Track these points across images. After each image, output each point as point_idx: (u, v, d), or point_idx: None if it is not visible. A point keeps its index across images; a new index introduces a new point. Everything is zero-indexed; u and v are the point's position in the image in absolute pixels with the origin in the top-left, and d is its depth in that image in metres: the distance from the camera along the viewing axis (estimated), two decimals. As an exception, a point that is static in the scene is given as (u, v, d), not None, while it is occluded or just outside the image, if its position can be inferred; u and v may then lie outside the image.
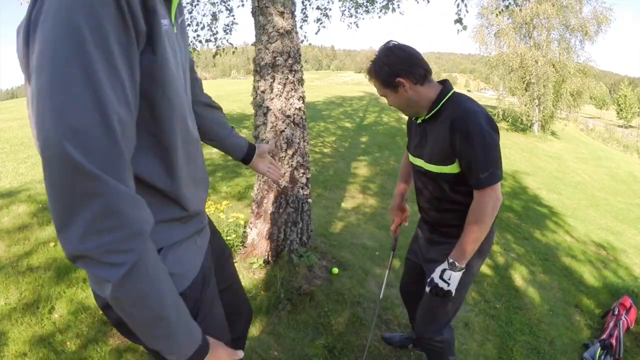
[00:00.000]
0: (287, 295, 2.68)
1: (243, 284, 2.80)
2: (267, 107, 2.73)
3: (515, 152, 10.46)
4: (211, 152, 6.70)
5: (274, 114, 2.72)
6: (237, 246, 3.03)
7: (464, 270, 1.51)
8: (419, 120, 1.58)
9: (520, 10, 14.75)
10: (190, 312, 0.85)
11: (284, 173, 2.80)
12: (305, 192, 2.97)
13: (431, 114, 1.49)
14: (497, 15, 5.20)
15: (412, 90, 1.46)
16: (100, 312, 2.27)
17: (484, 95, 35.53)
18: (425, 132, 1.56)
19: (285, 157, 2.78)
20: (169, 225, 0.84)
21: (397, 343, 2.43)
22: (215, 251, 1.15)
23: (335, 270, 3.17)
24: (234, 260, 2.93)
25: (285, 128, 2.73)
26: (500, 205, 1.46)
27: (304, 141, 2.88)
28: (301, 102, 2.80)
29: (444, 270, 1.51)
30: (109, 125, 0.58)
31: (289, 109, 2.73)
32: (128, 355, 2.18)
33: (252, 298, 2.64)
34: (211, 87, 20.05)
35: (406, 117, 1.75)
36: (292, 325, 2.51)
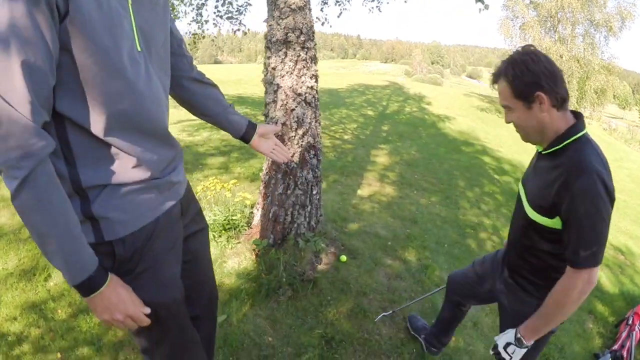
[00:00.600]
0: (288, 280, 2.56)
1: (245, 265, 2.72)
2: (278, 84, 2.59)
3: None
4: (228, 134, 6.63)
5: (285, 92, 2.58)
6: (242, 227, 2.93)
7: (529, 348, 1.34)
8: (538, 149, 1.36)
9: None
10: (128, 260, 0.96)
11: (293, 154, 2.66)
12: (316, 175, 2.83)
13: (551, 150, 1.26)
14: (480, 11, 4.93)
15: (548, 112, 1.22)
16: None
17: None
18: (539, 164, 1.34)
19: (295, 136, 2.63)
20: (111, 163, 0.89)
21: (414, 330, 2.33)
22: (186, 221, 1.18)
23: (344, 257, 3.03)
24: (238, 241, 2.84)
25: (296, 107, 2.58)
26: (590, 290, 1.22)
27: (315, 122, 2.72)
28: (314, 80, 2.64)
29: (508, 344, 1.34)
30: (19, 68, 0.71)
31: (300, 87, 2.58)
32: (116, 328, 2.13)
33: (252, 280, 2.54)
34: (235, 71, 20.04)
35: (433, 110, 1.55)
36: (291, 311, 2.40)
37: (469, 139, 9.00)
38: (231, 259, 2.71)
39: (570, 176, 1.15)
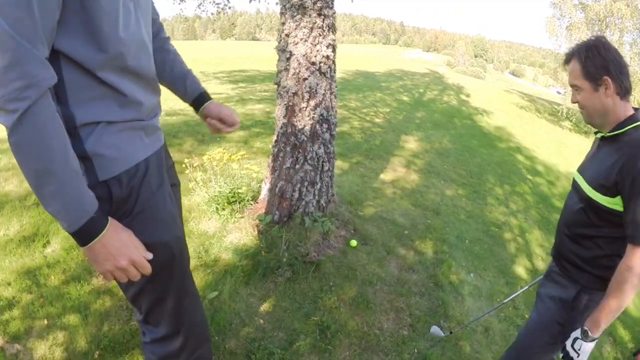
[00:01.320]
0: (289, 261, 2.39)
1: (245, 241, 2.56)
2: (291, 51, 2.38)
3: (574, 153, 9.37)
4: (253, 109, 6.51)
5: (297, 60, 2.36)
6: (247, 201, 2.77)
7: (596, 341, 1.30)
8: (599, 135, 1.42)
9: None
10: (125, 201, 0.94)
11: (304, 127, 2.46)
12: (328, 151, 2.61)
13: (613, 133, 1.33)
14: None
15: (612, 97, 1.29)
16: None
17: (550, 92, 31.67)
18: (599, 151, 1.41)
19: (306, 107, 2.42)
20: (103, 102, 0.89)
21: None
22: (172, 176, 1.18)
23: (354, 242, 2.83)
24: (241, 216, 2.69)
25: (309, 76, 2.36)
26: None
27: (330, 94, 2.50)
28: (330, 50, 2.40)
29: (575, 339, 1.32)
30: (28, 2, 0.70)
31: (315, 56, 2.35)
32: (105, 297, 2.03)
33: (250, 257, 2.39)
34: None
35: (471, 102, 1.36)
36: (288, 294, 2.23)
37: (505, 135, 8.60)
38: (232, 234, 2.56)
39: (633, 156, 1.20)
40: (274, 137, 2.67)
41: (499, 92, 16.13)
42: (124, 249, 0.88)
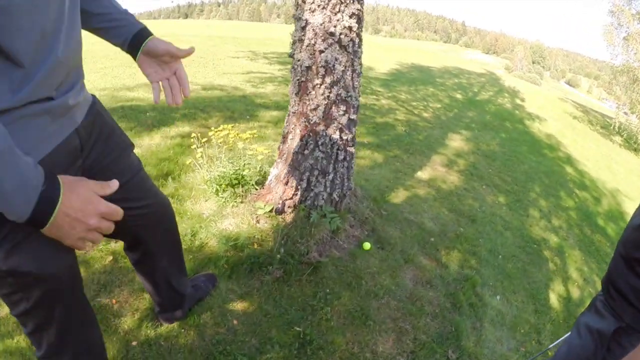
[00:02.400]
0: (283, 258, 2.10)
1: (240, 229, 2.29)
2: (306, 20, 2.04)
3: (622, 170, 8.41)
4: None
5: (313, 29, 2.03)
6: (252, 185, 2.50)
7: None
8: None
9: None
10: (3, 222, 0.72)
11: (317, 106, 2.13)
12: (345, 137, 2.27)
13: None
14: None
15: None
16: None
17: (603, 105, 28.39)
18: None
19: (320, 85, 2.09)
20: None
21: None
22: (111, 148, 1.04)
23: (367, 245, 2.48)
24: (242, 201, 2.43)
25: (326, 49, 2.02)
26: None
27: (352, 71, 2.14)
28: (354, 20, 2.04)
29: None
30: None
31: (334, 26, 2.00)
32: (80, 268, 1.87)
33: (239, 248, 2.13)
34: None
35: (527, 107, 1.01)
36: (274, 296, 1.94)
37: (556, 143, 7.96)
38: (227, 219, 2.32)
39: None
40: (287, 117, 2.37)
41: (553, 100, 15.40)
42: (89, 205, 0.73)
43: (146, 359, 1.54)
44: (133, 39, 1.00)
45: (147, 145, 3.18)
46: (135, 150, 3.12)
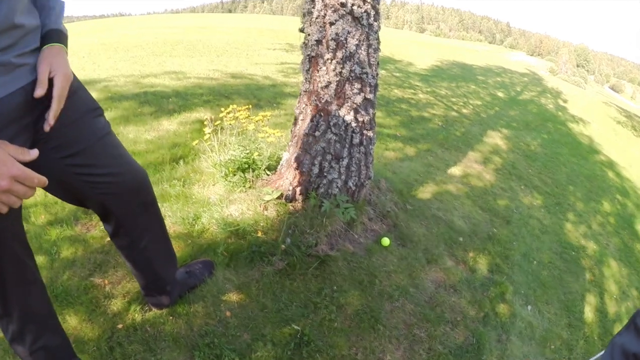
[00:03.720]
0: (288, 249, 1.92)
1: (246, 216, 2.12)
2: None
3: None
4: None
5: (323, 0, 1.82)
6: (262, 170, 2.34)
7: None
8: None
9: None
10: None
11: (328, 84, 1.93)
12: (361, 119, 2.05)
13: None
14: None
15: None
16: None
17: None
18: None
19: (331, 60, 1.88)
20: None
21: None
22: (70, 111, 0.97)
23: (386, 241, 2.25)
24: (250, 186, 2.27)
25: (337, 20, 1.82)
26: None
27: (368, 46, 1.92)
28: None
29: None
30: None
31: None
32: (79, 247, 1.85)
33: (240, 235, 1.97)
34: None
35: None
36: (275, 289, 1.77)
37: (598, 147, 7.47)
38: (234, 205, 2.16)
39: None
40: (298, 98, 2.19)
41: (597, 103, 14.67)
42: (2, 167, 0.72)
43: (130, 343, 1.43)
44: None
45: (164, 130, 3.11)
46: (152, 134, 3.02)
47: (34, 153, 0.79)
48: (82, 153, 1.02)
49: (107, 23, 19.37)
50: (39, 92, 0.87)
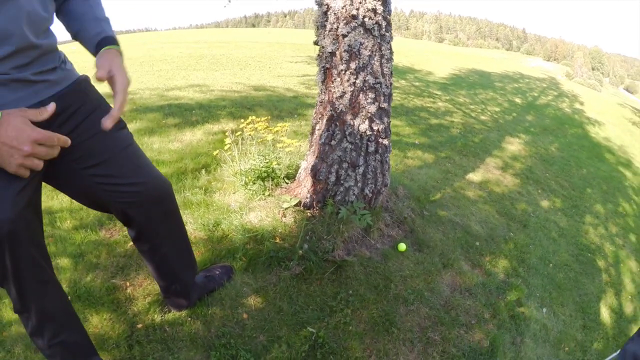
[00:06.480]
0: (305, 254, 1.99)
1: (265, 223, 2.21)
2: (327, 4, 1.93)
3: None
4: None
5: (334, 13, 1.91)
6: (281, 178, 2.42)
7: None
8: None
9: None
10: None
11: (343, 94, 1.99)
12: (376, 128, 2.11)
13: None
14: None
15: None
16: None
17: None
18: None
19: (345, 71, 1.95)
20: None
21: None
22: (91, 124, 1.04)
23: (402, 246, 2.29)
24: (270, 194, 2.36)
25: (349, 32, 1.89)
26: None
27: (381, 57, 1.98)
28: (379, 2, 1.88)
29: None
30: None
31: (357, 9, 1.86)
32: (102, 250, 1.94)
33: (259, 241, 2.04)
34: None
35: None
36: (291, 293, 1.83)
37: (615, 148, 7.36)
38: (254, 212, 2.25)
39: None
40: (315, 108, 2.27)
41: (612, 105, 14.60)
42: (22, 133, 0.81)
43: (149, 342, 1.51)
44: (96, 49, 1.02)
45: (188, 140, 3.24)
46: (175, 145, 3.15)
47: (51, 107, 0.89)
48: (104, 164, 1.07)
49: (133, 38, 20.15)
50: (101, 74, 0.92)
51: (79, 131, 1.02)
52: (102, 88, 1.11)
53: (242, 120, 2.62)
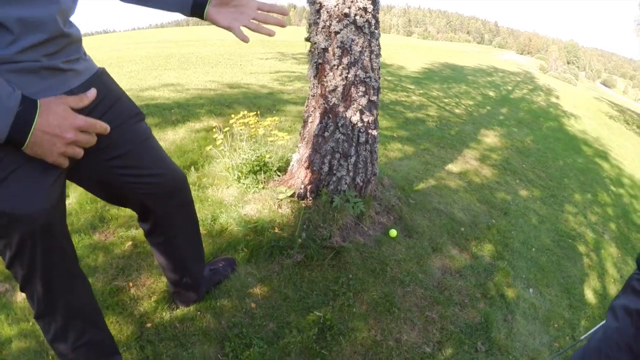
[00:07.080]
0: (304, 242, 2.04)
1: (262, 215, 2.25)
2: (320, 3, 2.00)
3: None
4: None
5: (327, 11, 1.98)
6: (274, 171, 2.46)
7: None
8: None
9: None
10: None
11: (335, 88, 2.06)
12: (366, 119, 2.19)
13: None
14: None
15: None
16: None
17: (638, 106, 26.36)
18: None
19: (337, 66, 2.02)
20: None
21: None
22: (114, 116, 1.05)
23: (393, 232, 2.38)
24: (264, 187, 2.39)
25: (341, 29, 1.96)
26: None
27: (370, 52, 2.06)
28: (369, 1, 1.97)
29: None
30: None
31: (348, 7, 1.94)
32: (99, 253, 1.90)
33: (259, 232, 2.08)
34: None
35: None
36: (294, 280, 1.88)
37: (591, 141, 7.64)
38: (249, 205, 2.28)
39: None
40: (307, 100, 2.32)
41: (588, 99, 14.89)
42: (65, 121, 0.81)
43: (160, 340, 1.51)
44: (193, 6, 1.01)
45: (171, 139, 3.21)
46: (160, 144, 3.14)
47: (91, 94, 0.89)
48: (126, 155, 1.08)
49: (93, 40, 19.38)
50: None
51: (104, 121, 1.03)
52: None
53: (223, 117, 2.64)
